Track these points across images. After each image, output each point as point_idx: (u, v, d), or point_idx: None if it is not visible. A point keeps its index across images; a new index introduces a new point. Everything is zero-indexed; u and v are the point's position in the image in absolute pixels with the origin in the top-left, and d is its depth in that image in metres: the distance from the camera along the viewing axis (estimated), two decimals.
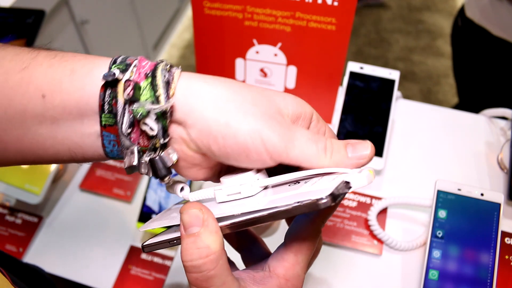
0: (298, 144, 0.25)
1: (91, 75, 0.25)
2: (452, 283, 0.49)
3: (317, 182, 0.25)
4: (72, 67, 0.25)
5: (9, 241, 0.60)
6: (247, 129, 0.25)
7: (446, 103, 1.79)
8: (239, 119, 0.25)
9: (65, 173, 0.67)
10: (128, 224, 0.61)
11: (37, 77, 0.25)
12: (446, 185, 0.53)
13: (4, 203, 0.63)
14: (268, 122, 0.25)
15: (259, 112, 0.25)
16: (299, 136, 0.26)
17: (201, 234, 0.24)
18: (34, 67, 0.25)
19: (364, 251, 0.55)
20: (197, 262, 0.24)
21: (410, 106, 0.71)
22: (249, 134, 0.25)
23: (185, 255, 0.24)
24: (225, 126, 0.25)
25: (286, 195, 0.24)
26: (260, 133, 0.25)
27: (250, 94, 0.26)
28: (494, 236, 0.50)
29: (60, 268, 0.58)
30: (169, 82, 0.25)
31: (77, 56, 0.26)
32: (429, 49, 2.00)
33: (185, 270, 0.24)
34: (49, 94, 0.25)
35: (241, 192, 0.27)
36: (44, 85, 0.25)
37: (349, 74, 0.66)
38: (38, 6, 0.74)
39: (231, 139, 0.25)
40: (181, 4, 2.16)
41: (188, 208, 0.25)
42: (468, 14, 0.95)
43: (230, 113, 0.25)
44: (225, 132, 0.25)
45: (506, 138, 0.65)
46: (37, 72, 0.25)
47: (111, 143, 0.26)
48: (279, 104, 0.27)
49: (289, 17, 0.55)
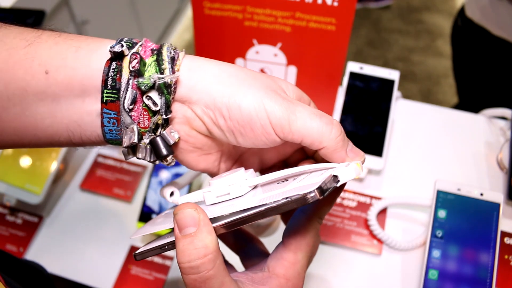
0: (300, 116, 0.25)
1: (97, 53, 0.25)
2: (452, 283, 0.49)
3: (305, 179, 0.25)
4: (78, 45, 0.25)
5: (10, 241, 0.60)
6: (251, 99, 0.25)
7: (446, 103, 1.79)
8: (243, 90, 0.25)
9: (66, 173, 0.67)
10: (128, 224, 0.61)
11: (41, 53, 0.25)
12: (445, 185, 0.53)
13: (5, 203, 0.63)
14: (271, 95, 0.25)
15: (262, 86, 0.26)
16: (301, 109, 0.26)
17: (198, 234, 0.24)
18: (38, 44, 0.25)
19: (363, 251, 0.55)
20: (195, 262, 0.23)
21: (410, 106, 0.71)
22: (253, 105, 0.25)
23: (182, 257, 0.24)
24: (229, 98, 0.25)
25: (275, 193, 0.25)
26: (264, 104, 0.25)
27: (252, 72, 0.27)
28: (493, 236, 0.50)
29: (60, 268, 0.58)
30: (174, 59, 0.25)
31: (82, 36, 0.26)
32: (429, 49, 2.01)
33: (182, 273, 0.24)
34: (53, 70, 0.25)
35: (230, 193, 0.27)
36: (49, 61, 0.25)
37: (349, 74, 0.66)
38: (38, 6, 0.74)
39: (235, 110, 0.25)
40: (181, 4, 2.16)
41: (183, 209, 0.24)
42: (468, 14, 0.95)
43: (233, 86, 0.25)
44: (230, 103, 0.25)
45: (506, 138, 0.65)
46: (41, 48, 0.25)
47: (111, 122, 0.26)
48: (281, 84, 0.28)
49: (289, 17, 0.56)
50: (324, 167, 0.26)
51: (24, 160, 0.62)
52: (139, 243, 0.60)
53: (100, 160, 0.67)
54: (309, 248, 0.27)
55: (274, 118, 0.25)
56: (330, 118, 0.26)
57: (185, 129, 0.27)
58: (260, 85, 0.26)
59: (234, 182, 0.27)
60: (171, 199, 0.30)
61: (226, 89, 0.25)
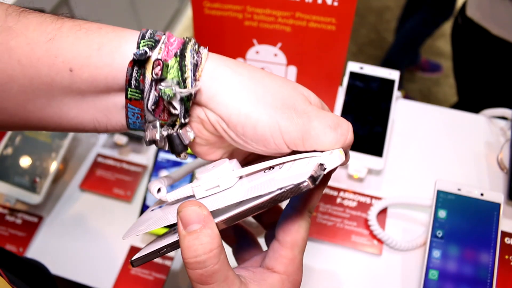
0: (315, 133, 0.26)
1: (120, 51, 0.25)
2: (452, 283, 0.49)
3: (292, 167, 0.25)
4: (100, 41, 0.25)
5: (9, 241, 0.60)
6: (266, 121, 0.25)
7: (446, 103, 1.79)
8: (259, 111, 0.25)
9: (66, 173, 0.67)
10: (128, 224, 0.61)
11: (64, 50, 0.25)
12: (446, 185, 0.53)
13: (4, 203, 0.63)
14: (287, 114, 0.26)
15: (280, 103, 0.26)
16: (317, 125, 0.26)
17: (203, 229, 0.24)
18: (60, 39, 0.25)
19: (364, 251, 0.55)
20: (201, 257, 0.24)
21: (410, 106, 0.71)
22: (268, 126, 0.25)
23: (188, 252, 0.24)
24: (245, 117, 0.25)
25: (264, 181, 0.25)
26: (280, 125, 0.25)
27: (272, 84, 0.27)
28: (494, 236, 0.50)
29: (60, 268, 0.58)
30: (197, 65, 0.25)
31: (103, 29, 0.26)
32: (429, 49, 2.00)
33: (188, 268, 0.24)
34: (77, 68, 0.25)
35: (219, 185, 0.27)
36: (72, 59, 0.25)
37: (349, 74, 0.66)
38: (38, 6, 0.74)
39: (250, 129, 0.25)
40: (181, 4, 2.16)
41: (188, 206, 0.25)
42: (469, 13, 0.95)
43: (251, 104, 0.25)
44: (245, 122, 0.25)
45: (506, 138, 0.65)
46: (63, 44, 0.25)
47: (135, 116, 0.26)
48: (304, 92, 0.28)
49: (289, 17, 0.55)
50: (307, 155, 0.26)
51: (24, 160, 0.62)
52: (139, 243, 0.60)
53: (100, 160, 0.67)
54: (304, 242, 0.28)
55: (289, 138, 0.25)
56: (345, 127, 0.27)
57: (199, 127, 0.28)
58: (278, 103, 0.26)
59: (222, 175, 0.27)
60: (158, 195, 0.30)
61: (243, 108, 0.25)
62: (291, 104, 0.26)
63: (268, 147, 0.26)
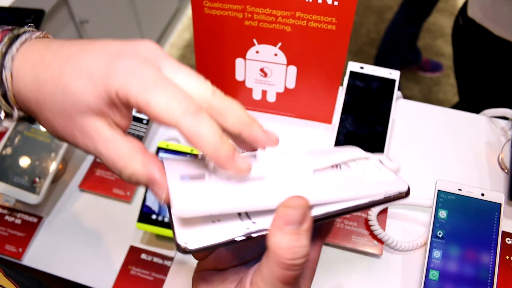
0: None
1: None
2: (453, 284, 0.48)
3: (369, 171, 0.27)
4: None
5: (9, 241, 0.60)
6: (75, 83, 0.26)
7: (447, 103, 1.79)
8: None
9: (65, 173, 0.67)
10: (128, 224, 0.61)
11: None
12: (446, 185, 0.52)
13: (4, 203, 0.63)
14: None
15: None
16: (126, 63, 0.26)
17: (306, 231, 0.23)
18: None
19: (364, 251, 0.55)
20: (300, 260, 0.23)
21: (411, 106, 0.71)
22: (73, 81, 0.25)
23: (289, 254, 0.23)
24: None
25: (351, 181, 0.26)
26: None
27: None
28: (494, 236, 0.49)
29: (60, 268, 0.58)
30: (6, 95, 0.26)
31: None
32: (429, 49, 2.00)
33: (283, 268, 0.23)
34: None
35: (298, 175, 0.26)
36: None
37: (349, 74, 0.66)
38: (37, 6, 0.73)
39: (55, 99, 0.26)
40: (181, 4, 2.16)
41: (299, 204, 0.23)
42: (470, 13, 0.95)
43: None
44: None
45: (507, 138, 0.65)
46: None
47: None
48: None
49: (289, 16, 0.55)
50: (364, 155, 0.27)
51: (24, 160, 0.62)
52: (139, 243, 0.60)
53: (99, 160, 0.67)
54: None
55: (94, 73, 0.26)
56: None
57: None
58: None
59: (297, 163, 0.26)
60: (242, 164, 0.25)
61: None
62: None
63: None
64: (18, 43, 0.27)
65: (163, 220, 0.59)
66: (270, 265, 0.23)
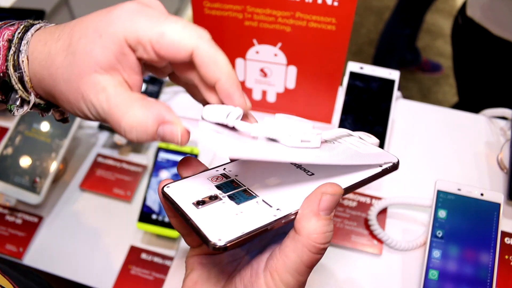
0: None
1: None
2: (452, 283, 0.49)
3: (358, 145, 0.29)
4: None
5: (9, 241, 0.60)
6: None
7: (446, 103, 1.79)
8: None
9: (66, 173, 0.67)
10: (128, 224, 0.61)
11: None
12: (446, 185, 0.53)
13: (4, 203, 0.63)
14: None
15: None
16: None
17: (331, 218, 0.24)
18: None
19: (364, 251, 0.55)
20: (326, 245, 0.24)
21: (410, 106, 0.71)
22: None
23: (322, 238, 0.24)
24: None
25: (351, 152, 0.28)
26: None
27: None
28: (494, 236, 0.50)
29: (60, 268, 0.58)
30: (23, 79, 0.27)
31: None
32: (429, 49, 2.00)
33: (313, 252, 0.24)
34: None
35: (311, 141, 0.27)
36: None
37: (349, 74, 0.66)
38: (38, 6, 0.74)
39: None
40: (181, 4, 2.16)
41: (336, 191, 0.24)
42: (469, 13, 0.95)
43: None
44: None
45: (506, 138, 0.65)
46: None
47: None
48: None
49: (289, 17, 0.55)
50: (347, 132, 0.30)
51: (24, 160, 0.62)
52: (139, 243, 0.60)
53: (100, 160, 0.67)
54: None
55: None
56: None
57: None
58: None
59: (306, 131, 0.27)
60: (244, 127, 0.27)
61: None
62: None
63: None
64: (33, 29, 0.28)
65: (163, 220, 0.59)
66: (298, 250, 0.24)
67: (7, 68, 0.27)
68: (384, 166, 0.28)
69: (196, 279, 0.29)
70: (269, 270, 0.24)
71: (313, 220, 0.24)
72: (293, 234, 0.24)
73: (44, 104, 0.29)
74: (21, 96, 0.28)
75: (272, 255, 0.25)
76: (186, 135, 0.24)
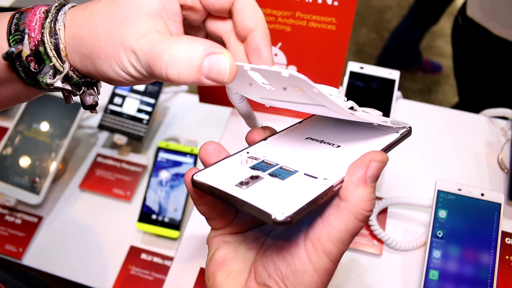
0: None
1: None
2: (452, 283, 0.49)
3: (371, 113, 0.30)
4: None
5: (9, 241, 0.60)
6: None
7: (446, 103, 1.79)
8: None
9: (65, 173, 0.67)
10: (128, 224, 0.61)
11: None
12: (446, 185, 0.52)
13: (4, 203, 0.63)
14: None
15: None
16: None
17: (374, 186, 0.25)
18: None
19: (364, 251, 0.55)
20: (370, 213, 0.24)
21: (410, 106, 0.71)
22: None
23: (369, 205, 0.24)
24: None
25: (376, 118, 0.30)
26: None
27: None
28: (494, 236, 0.50)
29: (60, 268, 0.58)
30: (58, 47, 0.27)
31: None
32: (429, 49, 2.00)
33: (361, 220, 0.24)
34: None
35: (353, 106, 0.29)
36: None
37: (349, 74, 0.66)
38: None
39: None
40: None
41: (383, 159, 0.25)
42: (469, 13, 0.95)
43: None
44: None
45: (507, 138, 0.65)
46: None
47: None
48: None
49: (289, 17, 0.55)
50: (352, 103, 0.31)
51: (24, 160, 0.62)
52: (139, 243, 0.60)
53: (99, 160, 0.67)
54: None
55: None
56: None
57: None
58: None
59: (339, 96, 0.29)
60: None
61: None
62: None
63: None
64: (70, 4, 0.28)
65: (163, 220, 0.59)
66: (344, 217, 0.24)
67: (43, 35, 0.27)
68: (400, 131, 0.30)
69: (224, 257, 0.28)
70: (310, 240, 0.24)
71: (361, 187, 0.24)
72: (337, 202, 0.24)
73: (76, 80, 0.28)
74: (54, 66, 0.27)
75: (314, 225, 0.25)
76: (234, 68, 0.23)
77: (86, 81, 0.29)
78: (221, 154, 0.28)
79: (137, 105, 0.69)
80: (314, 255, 0.24)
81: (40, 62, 0.27)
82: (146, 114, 0.68)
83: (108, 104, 0.69)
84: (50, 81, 0.27)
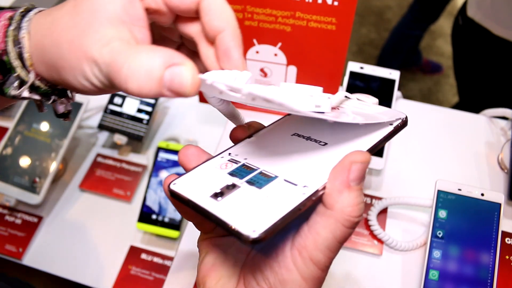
0: None
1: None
2: (452, 283, 0.49)
3: (362, 107, 0.29)
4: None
5: (9, 241, 0.60)
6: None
7: (446, 103, 1.79)
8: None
9: (65, 173, 0.67)
10: (128, 224, 0.61)
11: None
12: (446, 185, 0.52)
13: (4, 203, 0.63)
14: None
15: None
16: None
17: (362, 189, 0.23)
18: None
19: (364, 251, 0.55)
20: (360, 218, 0.23)
21: (410, 106, 0.71)
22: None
23: (356, 211, 0.23)
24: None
25: (367, 115, 0.28)
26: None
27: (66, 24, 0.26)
28: (494, 236, 0.50)
29: (60, 268, 0.58)
30: (22, 56, 0.26)
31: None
32: (429, 49, 2.00)
33: (349, 227, 0.23)
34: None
35: (321, 106, 0.26)
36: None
37: (349, 74, 0.66)
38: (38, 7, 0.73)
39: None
40: None
41: (365, 159, 0.23)
42: (469, 13, 0.95)
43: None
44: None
45: (507, 138, 0.65)
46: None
47: None
48: None
49: (289, 17, 0.55)
50: (344, 94, 0.29)
51: (24, 160, 0.62)
52: (139, 243, 0.60)
53: (99, 160, 0.67)
54: None
55: None
56: None
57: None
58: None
59: (319, 96, 0.27)
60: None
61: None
62: None
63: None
64: (36, 10, 0.27)
65: (163, 220, 0.59)
66: (331, 225, 0.22)
67: (6, 43, 0.26)
68: (394, 123, 0.27)
69: (213, 262, 0.27)
70: (296, 248, 0.23)
71: (345, 193, 0.22)
72: (323, 209, 0.23)
73: (44, 89, 0.27)
74: (19, 76, 0.26)
75: (300, 233, 0.24)
76: (197, 80, 0.21)
77: (56, 89, 0.28)
78: (200, 158, 0.27)
79: (137, 105, 0.69)
80: (301, 264, 0.23)
81: (6, 72, 0.26)
82: (146, 114, 0.68)
83: (108, 104, 0.69)
84: (14, 93, 0.26)
